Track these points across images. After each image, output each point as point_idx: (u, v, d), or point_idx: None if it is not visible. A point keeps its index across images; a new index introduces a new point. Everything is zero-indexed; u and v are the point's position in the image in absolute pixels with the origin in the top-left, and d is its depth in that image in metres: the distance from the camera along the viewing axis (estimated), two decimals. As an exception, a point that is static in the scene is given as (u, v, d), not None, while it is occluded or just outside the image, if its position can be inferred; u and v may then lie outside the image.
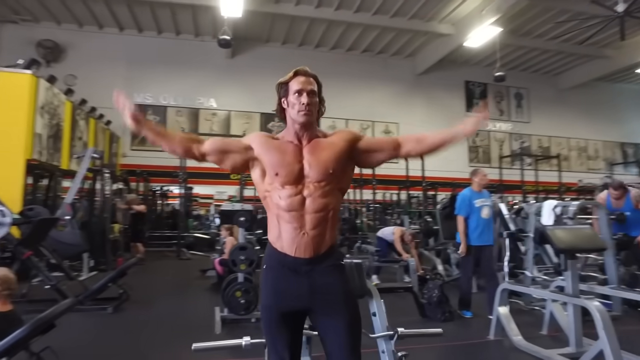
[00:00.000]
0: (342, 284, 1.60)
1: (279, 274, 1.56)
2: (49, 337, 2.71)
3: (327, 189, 1.56)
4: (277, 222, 1.55)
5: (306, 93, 1.57)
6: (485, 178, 4.36)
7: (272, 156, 1.56)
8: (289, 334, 1.57)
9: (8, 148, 5.97)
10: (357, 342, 1.61)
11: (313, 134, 1.62)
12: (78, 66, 11.79)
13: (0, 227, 4.12)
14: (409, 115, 14.09)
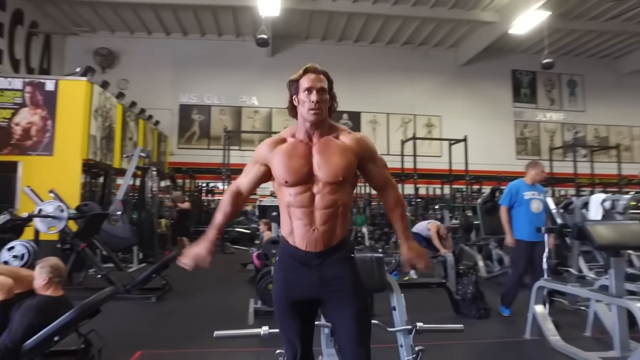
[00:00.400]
0: (351, 276, 1.62)
1: (290, 266, 1.61)
2: (97, 321, 2.97)
3: (335, 187, 1.58)
4: (289, 218, 1.59)
5: (316, 90, 1.57)
6: (542, 174, 4.12)
7: (280, 163, 1.59)
8: (300, 323, 1.62)
9: (67, 149, 6.49)
10: (365, 332, 1.64)
11: (324, 132, 1.63)
12: (130, 71, 12.55)
13: (59, 221, 4.53)
14: (452, 108, 13.68)
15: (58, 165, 6.36)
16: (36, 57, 11.25)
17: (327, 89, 1.63)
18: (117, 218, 6.35)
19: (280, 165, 1.58)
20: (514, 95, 14.38)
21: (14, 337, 2.43)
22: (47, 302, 2.60)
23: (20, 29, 10.59)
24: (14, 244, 4.28)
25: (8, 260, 4.18)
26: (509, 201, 4.12)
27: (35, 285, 2.70)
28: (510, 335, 3.63)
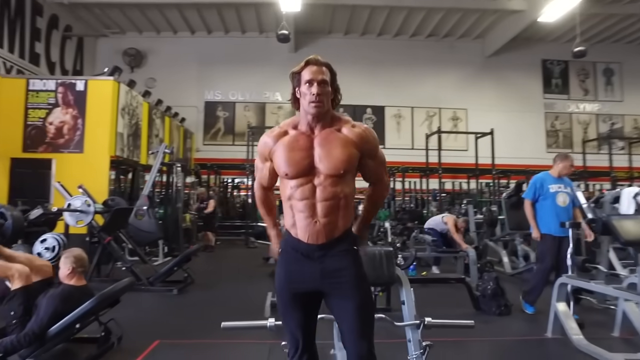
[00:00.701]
0: (353, 268, 1.61)
1: (292, 258, 1.62)
2: (121, 312, 3.10)
3: (337, 180, 1.57)
4: (291, 210, 1.59)
5: (317, 83, 1.56)
6: (570, 168, 3.95)
7: (281, 156, 1.58)
8: (302, 315, 1.63)
9: (96, 146, 6.75)
10: (367, 325, 1.63)
11: (326, 124, 1.61)
12: (157, 70, 12.89)
13: (86, 215, 4.72)
14: (478, 100, 13.31)
15: (88, 162, 6.63)
16: (70, 59, 11.73)
17: (329, 81, 1.61)
18: (143, 213, 6.54)
19: (281, 157, 1.58)
20: (544, 86, 13.82)
21: (41, 322, 2.56)
22: (70, 291, 2.73)
23: (56, 33, 11.07)
24: (46, 236, 4.50)
25: (41, 251, 4.41)
26: (533, 194, 3.98)
27: (60, 274, 2.83)
28: (531, 333, 3.52)
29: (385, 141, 13.30)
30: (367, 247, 1.94)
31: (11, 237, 3.38)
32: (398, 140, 13.30)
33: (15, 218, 3.38)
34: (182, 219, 7.93)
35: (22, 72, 9.65)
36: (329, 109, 1.63)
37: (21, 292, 2.72)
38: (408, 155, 12.54)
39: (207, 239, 8.44)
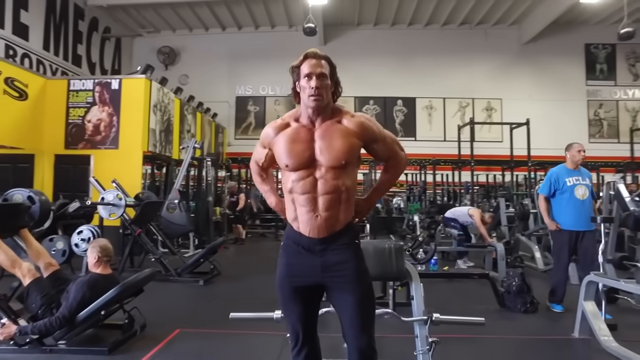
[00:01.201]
0: (354, 262, 1.60)
1: (294, 251, 1.63)
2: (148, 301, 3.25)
3: (338, 172, 1.57)
4: (293, 204, 1.60)
5: (315, 76, 1.54)
6: (578, 154, 3.79)
7: (282, 148, 1.59)
8: (302, 308, 1.64)
9: (130, 142, 7.06)
10: (368, 319, 1.63)
11: (327, 116, 1.61)
12: (189, 66, 13.25)
13: (118, 208, 4.96)
14: (514, 90, 12.76)
15: (122, 157, 6.95)
16: (109, 59, 12.27)
17: (328, 74, 1.59)
18: (174, 206, 6.79)
19: (282, 149, 1.59)
20: (588, 72, 13.02)
21: (70, 307, 2.73)
22: (96, 279, 2.89)
23: (96, 35, 11.62)
24: (82, 228, 4.78)
25: (77, 242, 4.69)
26: (548, 189, 3.82)
27: (88, 263, 3.01)
28: (556, 332, 3.38)
29: (416, 133, 13.06)
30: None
31: (38, 219, 3.61)
32: (429, 132, 13.01)
33: (42, 202, 3.60)
34: (213, 212, 8.16)
35: (65, 73, 10.21)
36: (329, 101, 1.62)
37: (34, 285, 2.90)
38: (440, 147, 12.26)
39: (237, 232, 8.64)
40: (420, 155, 12.04)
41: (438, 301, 4.21)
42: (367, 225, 9.83)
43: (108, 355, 2.74)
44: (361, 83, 13.21)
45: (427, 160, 10.93)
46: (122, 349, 2.84)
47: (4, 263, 3.01)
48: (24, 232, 3.36)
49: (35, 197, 3.61)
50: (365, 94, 13.26)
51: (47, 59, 9.81)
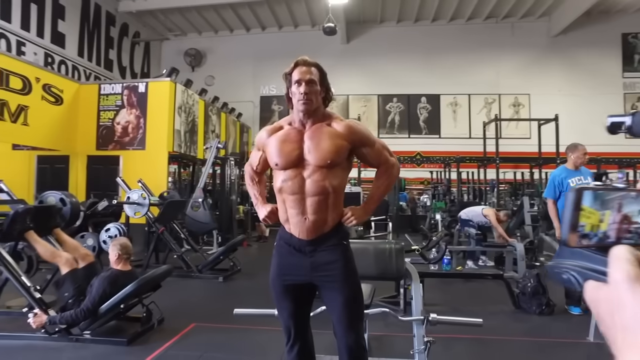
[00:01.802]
0: (342, 262, 1.67)
1: (285, 251, 1.71)
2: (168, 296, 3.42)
3: (325, 172, 1.63)
4: (284, 205, 1.68)
5: (304, 83, 1.63)
6: (583, 157, 3.71)
7: (273, 148, 1.68)
8: (293, 306, 1.73)
9: (156, 143, 7.35)
10: (355, 317, 1.70)
11: (317, 119, 1.68)
12: (215, 68, 13.57)
13: (142, 207, 5.20)
14: (543, 85, 12.33)
15: (149, 157, 7.25)
16: (138, 62, 12.77)
17: (317, 80, 1.68)
18: (198, 204, 7.03)
19: (273, 149, 1.67)
20: (625, 64, 12.40)
21: (93, 301, 2.94)
22: (116, 275, 3.08)
23: (126, 40, 12.12)
24: (109, 226, 5.05)
25: (105, 239, 4.96)
26: (554, 193, 3.73)
27: (110, 260, 3.21)
28: (570, 335, 3.31)
29: (441, 131, 12.87)
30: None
31: (69, 220, 3.85)
32: (454, 130, 12.80)
33: (73, 204, 3.84)
34: (236, 210, 8.37)
35: (98, 77, 10.71)
36: (319, 106, 1.70)
37: (70, 276, 3.13)
38: (465, 144, 12.03)
39: (260, 230, 8.83)
40: (444, 153, 11.88)
41: (451, 301, 4.22)
42: (389, 223, 9.84)
43: (127, 345, 2.93)
44: (384, 81, 13.15)
45: (451, 158, 10.76)
46: (140, 340, 3.02)
47: (45, 255, 3.28)
48: (57, 231, 3.61)
49: (67, 199, 3.86)
50: (388, 92, 13.18)
51: (82, 64, 10.32)
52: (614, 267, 0.40)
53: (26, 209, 3.35)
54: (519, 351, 3.11)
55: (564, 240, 0.48)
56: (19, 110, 6.32)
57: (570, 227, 0.47)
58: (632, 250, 0.42)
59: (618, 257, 0.41)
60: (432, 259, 3.66)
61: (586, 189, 0.47)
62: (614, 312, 0.39)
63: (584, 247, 0.47)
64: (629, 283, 0.37)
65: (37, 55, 8.99)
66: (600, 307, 0.41)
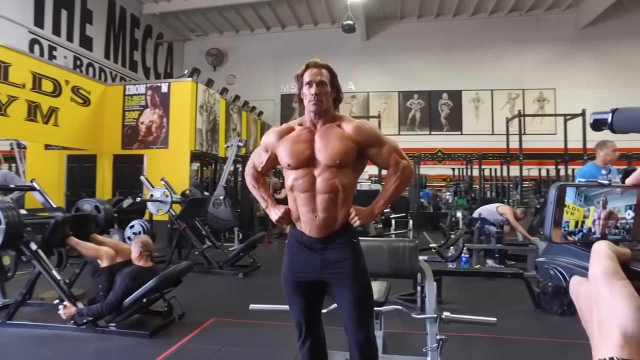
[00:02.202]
0: (352, 260, 1.70)
1: (296, 248, 1.75)
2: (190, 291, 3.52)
3: (335, 171, 1.66)
4: (295, 203, 1.72)
5: (315, 84, 1.67)
6: (613, 154, 3.60)
7: (285, 149, 1.72)
8: (304, 302, 1.77)
9: (178, 142, 7.52)
10: (365, 313, 1.73)
11: (327, 120, 1.72)
12: (236, 67, 13.76)
13: (165, 205, 5.35)
14: (570, 79, 11.97)
15: (172, 156, 7.43)
16: (162, 63, 13.07)
17: (328, 82, 1.71)
18: (220, 202, 7.16)
19: (285, 150, 1.71)
20: (659, 55, 11.93)
21: (116, 295, 3.06)
22: (138, 271, 3.20)
23: (150, 42, 12.43)
24: (134, 223, 5.21)
25: (130, 235, 5.13)
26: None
27: (132, 256, 3.33)
28: (592, 336, 3.23)
29: (463, 127, 12.68)
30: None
31: (104, 226, 4.02)
32: (476, 126, 12.58)
33: (107, 211, 4.00)
34: (257, 207, 8.49)
35: (123, 78, 11.03)
36: (329, 107, 1.74)
37: (107, 270, 3.28)
38: (487, 141, 11.82)
39: (281, 227, 8.92)
40: (466, 149, 11.69)
41: (469, 299, 4.19)
42: (410, 220, 9.77)
43: (150, 338, 3.04)
44: (405, 77, 13.04)
45: (473, 155, 10.59)
46: (161, 333, 3.14)
47: (90, 252, 3.47)
48: (93, 236, 3.78)
49: (101, 207, 4.02)
50: (409, 89, 13.07)
51: (108, 66, 10.66)
52: (594, 262, 0.42)
53: (65, 218, 3.52)
54: (538, 352, 3.07)
55: (547, 237, 0.50)
56: (50, 111, 6.59)
57: (553, 223, 0.48)
58: (612, 245, 0.43)
59: (598, 253, 0.42)
60: (449, 257, 3.63)
61: (568, 185, 0.48)
62: (592, 307, 0.40)
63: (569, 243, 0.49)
64: (607, 278, 0.39)
65: (67, 59, 9.34)
66: (580, 302, 0.43)
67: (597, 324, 0.37)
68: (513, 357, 2.96)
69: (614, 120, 0.61)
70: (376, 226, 8.04)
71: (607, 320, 0.36)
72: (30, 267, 3.52)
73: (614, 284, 0.37)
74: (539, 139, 11.33)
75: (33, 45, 8.65)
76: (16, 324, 3.29)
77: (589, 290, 0.40)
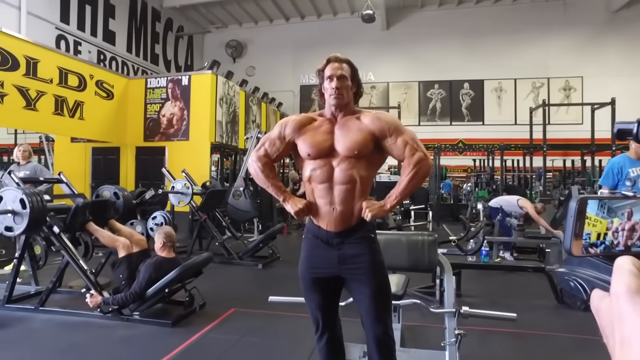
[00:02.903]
0: (369, 255, 1.70)
1: (313, 244, 1.76)
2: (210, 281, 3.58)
3: (353, 162, 1.66)
4: (313, 197, 1.72)
5: (336, 78, 1.68)
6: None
7: (305, 139, 1.71)
8: (321, 298, 1.78)
9: (199, 134, 7.63)
10: (383, 309, 1.73)
11: (347, 113, 1.73)
12: (256, 58, 13.80)
13: (185, 196, 5.45)
14: (598, 66, 11.52)
15: (193, 148, 7.55)
16: (182, 56, 13.22)
17: (349, 76, 1.72)
18: (240, 193, 7.25)
19: (305, 140, 1.71)
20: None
21: (140, 285, 3.16)
22: (161, 262, 3.28)
23: (170, 35, 12.57)
24: (156, 214, 5.32)
25: (152, 226, 5.24)
26: (611, 181, 3.49)
27: (155, 247, 3.42)
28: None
29: (484, 117, 12.42)
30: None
31: (123, 213, 4.13)
32: (498, 116, 12.31)
33: (125, 197, 4.11)
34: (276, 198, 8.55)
35: (145, 72, 11.22)
36: (350, 101, 1.74)
37: (125, 260, 3.38)
38: (510, 131, 11.56)
39: (301, 218, 8.96)
40: (488, 140, 11.45)
41: (490, 293, 4.14)
42: (429, 212, 9.68)
43: (172, 327, 3.13)
44: (425, 67, 12.83)
45: (494, 146, 10.37)
46: (183, 322, 3.22)
47: (105, 241, 3.59)
48: (111, 222, 3.90)
49: (120, 193, 4.14)
50: (429, 78, 12.86)
51: (130, 60, 10.85)
52: (616, 278, 0.40)
53: (85, 203, 3.64)
54: (560, 348, 3.01)
55: (567, 250, 0.49)
56: (75, 105, 6.78)
57: (573, 236, 0.47)
58: (636, 261, 0.42)
59: (621, 269, 0.41)
60: (468, 250, 3.59)
61: (590, 198, 0.47)
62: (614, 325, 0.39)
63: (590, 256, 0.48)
64: (630, 296, 0.37)
65: (91, 54, 9.55)
66: (602, 318, 0.42)
67: (619, 342, 0.36)
68: (534, 353, 2.92)
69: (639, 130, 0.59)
70: (395, 218, 8.01)
71: (629, 339, 0.35)
72: (59, 256, 3.66)
73: (637, 302, 0.36)
74: (564, 129, 11.00)
75: (59, 41, 8.88)
76: (48, 310, 3.44)
77: (611, 307, 0.39)
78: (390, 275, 1.81)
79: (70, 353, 2.78)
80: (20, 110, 5.81)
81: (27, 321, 3.31)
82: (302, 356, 2.70)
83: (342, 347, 1.87)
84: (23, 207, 3.15)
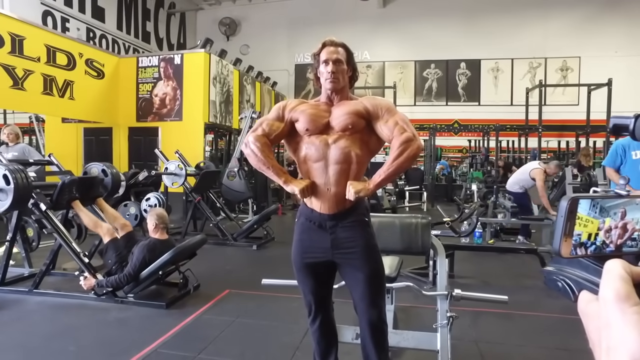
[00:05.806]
0: (364, 239, 1.69)
1: (306, 227, 1.75)
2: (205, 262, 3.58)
3: (349, 138, 1.65)
4: (308, 179, 1.70)
5: (332, 62, 1.68)
6: None
7: (306, 116, 1.69)
8: (314, 282, 1.78)
9: (192, 114, 7.52)
10: (377, 293, 1.73)
11: (344, 97, 1.74)
12: (250, 36, 13.51)
13: (179, 178, 5.41)
14: (596, 45, 11.37)
15: (186, 128, 7.46)
16: (175, 34, 12.91)
17: (344, 60, 1.71)
18: (234, 174, 7.22)
19: (304, 117, 1.69)
20: None
21: (134, 267, 3.16)
22: (154, 243, 3.27)
23: (162, 12, 12.24)
24: (150, 195, 5.29)
25: (146, 208, 5.22)
26: (614, 161, 3.50)
27: (148, 229, 3.41)
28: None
29: (480, 98, 12.33)
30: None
31: (111, 190, 4.08)
32: (495, 97, 12.22)
33: (114, 175, 4.06)
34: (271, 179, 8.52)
35: (137, 50, 10.96)
36: (345, 85, 1.75)
37: (111, 245, 3.37)
38: (506, 112, 11.52)
39: (295, 199, 8.98)
40: (483, 120, 11.43)
41: (482, 274, 4.19)
42: (424, 192, 9.72)
43: (166, 309, 3.15)
44: (421, 46, 12.64)
45: (490, 126, 10.35)
46: (177, 304, 3.24)
47: (89, 224, 3.55)
48: (99, 201, 3.86)
49: (108, 170, 4.08)
50: (426, 58, 12.69)
51: (121, 38, 10.59)
52: (605, 283, 0.38)
53: (72, 180, 3.60)
54: (549, 328, 3.06)
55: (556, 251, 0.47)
56: (65, 85, 6.63)
57: (562, 237, 0.45)
58: (626, 265, 0.40)
59: (610, 272, 0.38)
60: (462, 232, 3.61)
61: (582, 197, 0.45)
62: (601, 330, 0.37)
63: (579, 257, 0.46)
64: (618, 303, 0.36)
65: (79, 31, 9.29)
66: (589, 323, 0.40)
67: (606, 349, 0.34)
68: (524, 333, 2.97)
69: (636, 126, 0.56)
70: (390, 198, 8.04)
71: (616, 348, 0.33)
72: (52, 238, 3.64)
73: (625, 310, 0.34)
74: (560, 109, 10.97)
75: (46, 17, 8.62)
76: (42, 292, 3.44)
77: (599, 312, 0.37)
78: (383, 257, 1.81)
79: (65, 335, 2.79)
80: (7, 89, 5.67)
81: (21, 303, 3.31)
82: (297, 337, 2.73)
83: (334, 330, 1.89)
84: (7, 183, 3.10)
